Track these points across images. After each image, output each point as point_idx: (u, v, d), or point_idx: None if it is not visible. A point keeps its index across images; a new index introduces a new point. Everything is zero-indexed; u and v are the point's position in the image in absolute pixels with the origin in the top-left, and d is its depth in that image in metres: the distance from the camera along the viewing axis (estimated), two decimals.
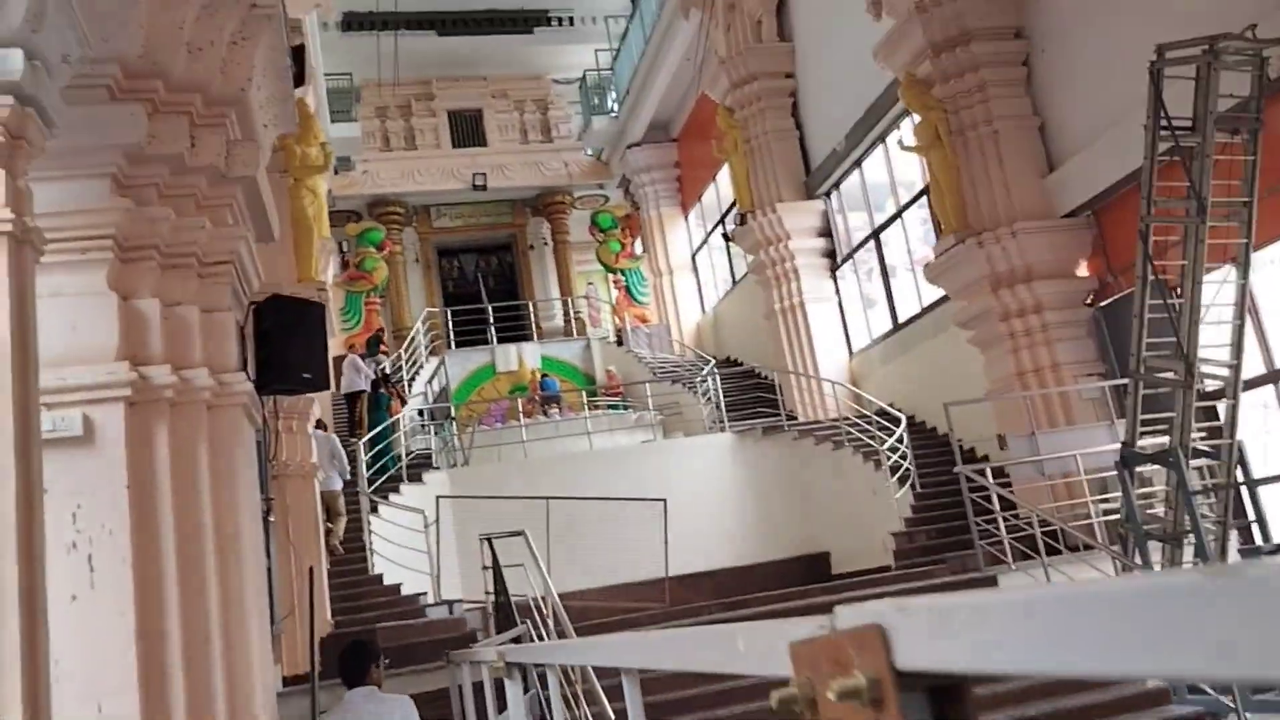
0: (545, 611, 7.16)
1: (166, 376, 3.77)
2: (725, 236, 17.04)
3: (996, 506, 8.65)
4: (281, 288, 8.60)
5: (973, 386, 12.30)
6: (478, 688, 5.78)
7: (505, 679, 2.70)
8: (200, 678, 3.72)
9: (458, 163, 22.51)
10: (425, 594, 9.98)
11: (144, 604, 3.56)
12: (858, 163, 14.55)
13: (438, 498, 10.77)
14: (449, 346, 19.49)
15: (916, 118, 11.13)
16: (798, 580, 12.42)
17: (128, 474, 3.55)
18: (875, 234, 14.37)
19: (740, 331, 19.18)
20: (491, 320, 20.22)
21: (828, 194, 15.55)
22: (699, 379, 16.03)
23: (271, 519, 8.02)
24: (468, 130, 23.02)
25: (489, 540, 7.64)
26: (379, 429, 13.04)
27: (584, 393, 18.07)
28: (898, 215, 13.76)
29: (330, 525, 10.62)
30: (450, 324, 20.08)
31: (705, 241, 20.89)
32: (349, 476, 11.13)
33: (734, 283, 19.66)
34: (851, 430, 12.92)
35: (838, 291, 15.55)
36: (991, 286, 10.27)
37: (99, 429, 3.55)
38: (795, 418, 14.60)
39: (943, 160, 10.58)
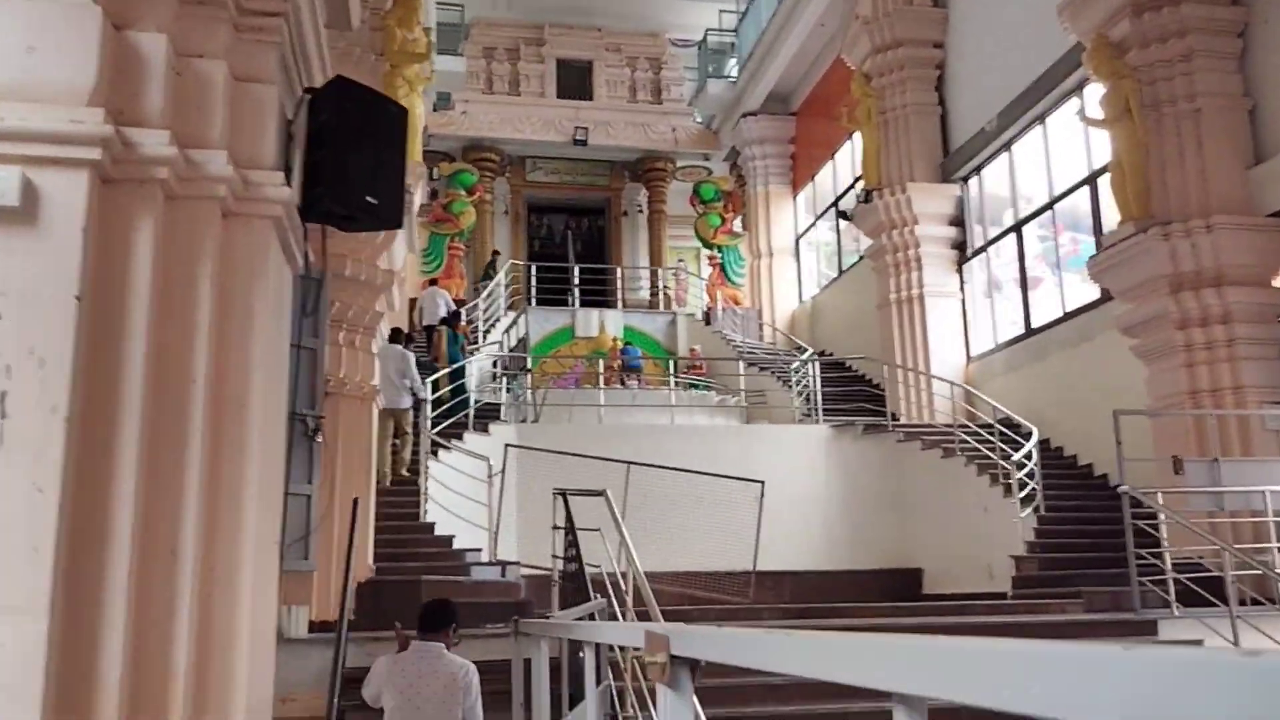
0: (624, 588, 5.99)
1: (163, 147, 2.61)
2: (842, 215, 15.66)
3: (1164, 539, 7.22)
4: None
5: (1116, 405, 10.79)
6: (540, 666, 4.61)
7: (661, 685, 1.48)
8: (154, 607, 2.57)
9: (560, 114, 21.41)
10: (480, 551, 8.87)
11: (79, 483, 2.43)
12: (1008, 145, 13.06)
13: (506, 445, 9.64)
14: (529, 303, 18.40)
15: (1099, 88, 9.66)
16: (883, 594, 11.07)
17: (81, 278, 2.41)
18: (1019, 225, 12.86)
19: (840, 325, 17.78)
20: (576, 282, 19.12)
21: (965, 179, 14.08)
22: (794, 366, 14.70)
23: (319, 440, 6.96)
24: (575, 82, 21.90)
25: (563, 496, 6.46)
26: (457, 365, 12.00)
27: (667, 366, 16.88)
28: (1051, 205, 12.23)
29: (398, 444, 9.86)
30: (534, 280, 19.01)
31: (814, 224, 19.50)
32: (423, 395, 10.19)
33: (840, 272, 18.27)
34: (968, 439, 11.50)
35: (962, 287, 14.09)
36: (1171, 288, 8.79)
37: (45, 202, 2.39)
38: (897, 419, 13.18)
39: (1130, 137, 9.11)
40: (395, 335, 10.13)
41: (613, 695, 5.26)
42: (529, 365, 13.43)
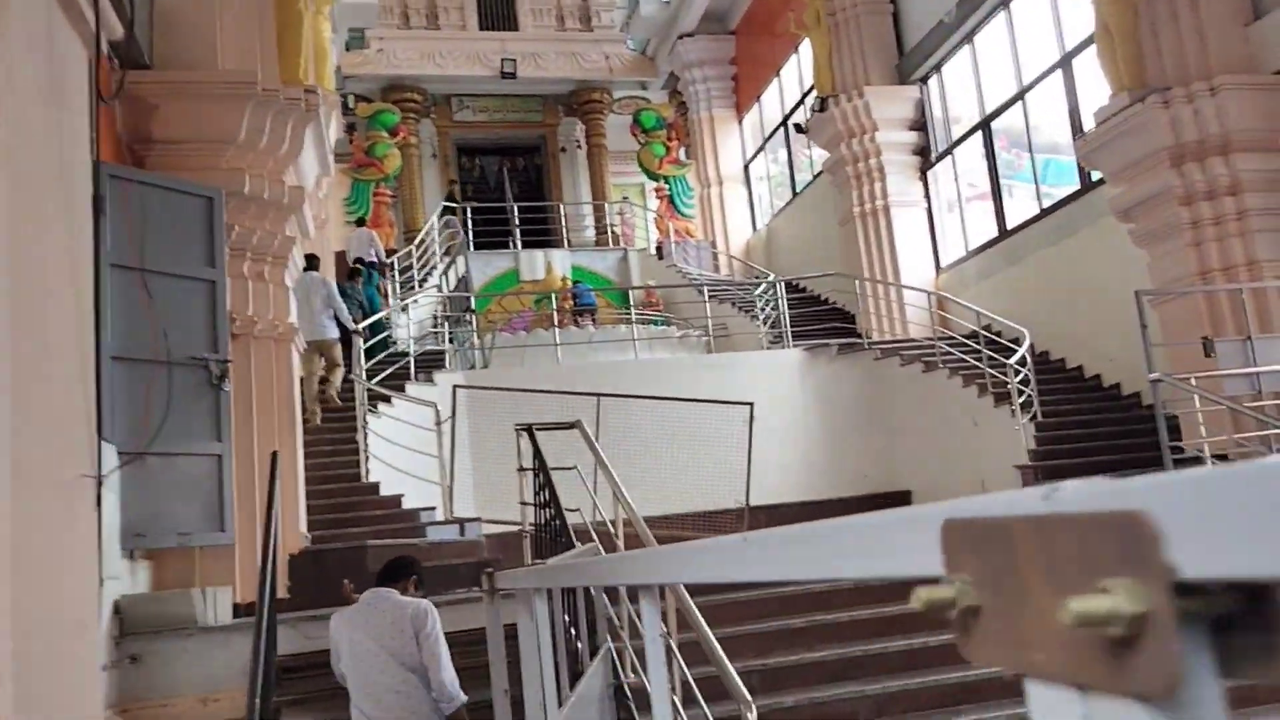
0: (615, 533, 5.08)
1: None
2: (797, 128, 14.71)
3: (1203, 431, 6.48)
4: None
5: (1108, 303, 10.08)
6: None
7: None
8: None
9: (485, 47, 20.09)
10: (434, 509, 7.89)
11: None
12: (970, 36, 12.18)
13: (455, 387, 8.63)
14: (467, 248, 17.24)
15: None
16: None
17: None
18: (987, 121, 12.02)
19: (799, 250, 16.90)
20: (516, 223, 17.98)
21: (924, 80, 13.19)
22: (758, 291, 13.81)
23: (227, 388, 5.90)
24: (498, 11, 20.56)
25: (529, 431, 5.48)
26: (376, 317, 10.85)
27: (623, 303, 15.91)
28: (1023, 94, 11.37)
29: (327, 375, 9.28)
30: (470, 223, 17.82)
31: (763, 147, 18.53)
32: (352, 326, 9.66)
33: (794, 194, 17.36)
34: (951, 350, 10.72)
35: (927, 195, 13.26)
36: (1173, 160, 8.00)
37: None
38: (870, 338, 12.36)
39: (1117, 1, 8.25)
40: (311, 262, 9.54)
41: (616, 663, 4.37)
42: (473, 305, 12.34)
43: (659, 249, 18.21)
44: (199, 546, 5.86)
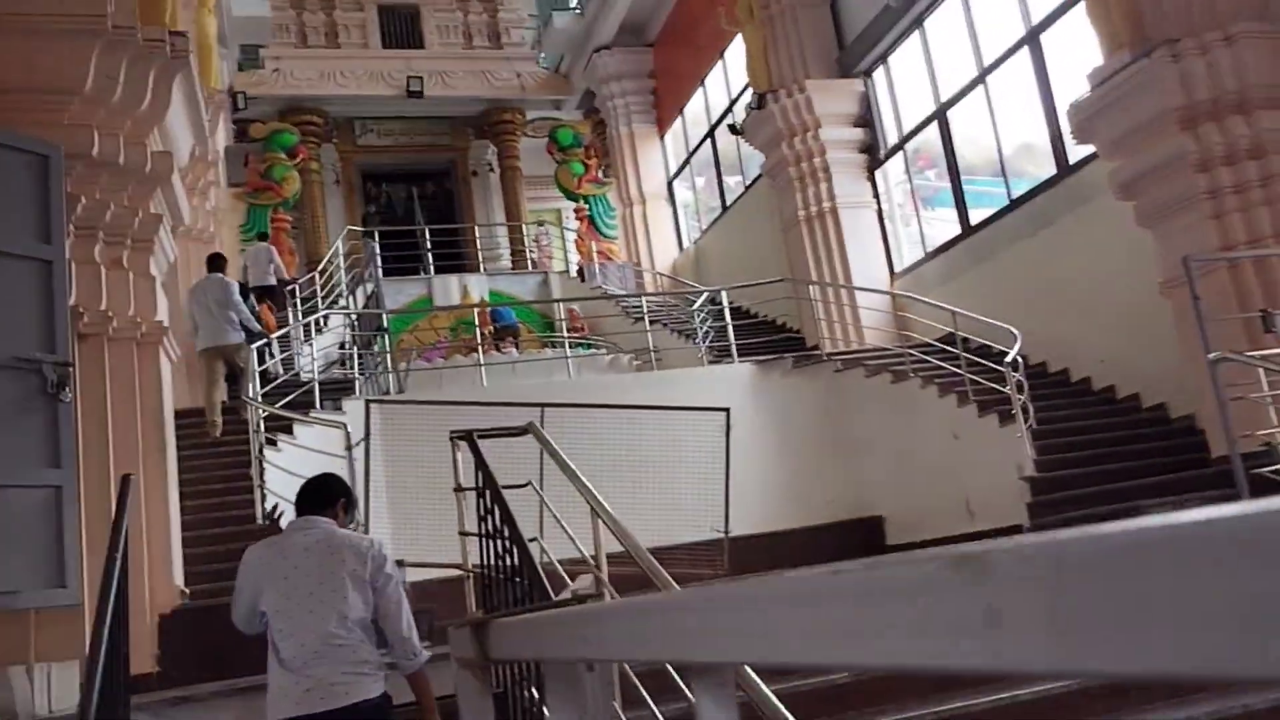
0: (598, 568, 3.78)
1: None
2: (732, 129, 13.73)
3: (1275, 420, 5.50)
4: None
5: (1094, 299, 9.22)
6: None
7: None
8: None
9: (388, 66, 18.78)
10: None
11: None
12: (919, 20, 11.37)
13: (368, 402, 7.21)
14: (376, 271, 15.73)
15: None
16: (840, 552, 9.19)
17: None
18: (943, 109, 11.18)
19: (732, 267, 15.81)
20: (429, 247, 16.58)
21: (868, 73, 12.36)
22: (696, 305, 12.68)
23: (67, 398, 4.43)
24: (401, 30, 19.31)
25: (468, 439, 4.14)
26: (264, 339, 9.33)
27: (546, 331, 14.61)
28: (984, 76, 10.51)
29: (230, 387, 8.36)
30: (377, 249, 16.33)
31: (689, 160, 17.53)
32: (256, 329, 8.90)
33: (724, 208, 16.39)
34: (925, 358, 9.72)
35: (876, 195, 12.36)
36: (1183, 123, 7.14)
37: None
38: (824, 351, 11.30)
39: None
40: (215, 262, 8.97)
41: None
42: (385, 324, 10.88)
43: (580, 271, 17.00)
44: (32, 609, 4.36)
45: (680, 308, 14.28)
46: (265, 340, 9.18)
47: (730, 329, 11.14)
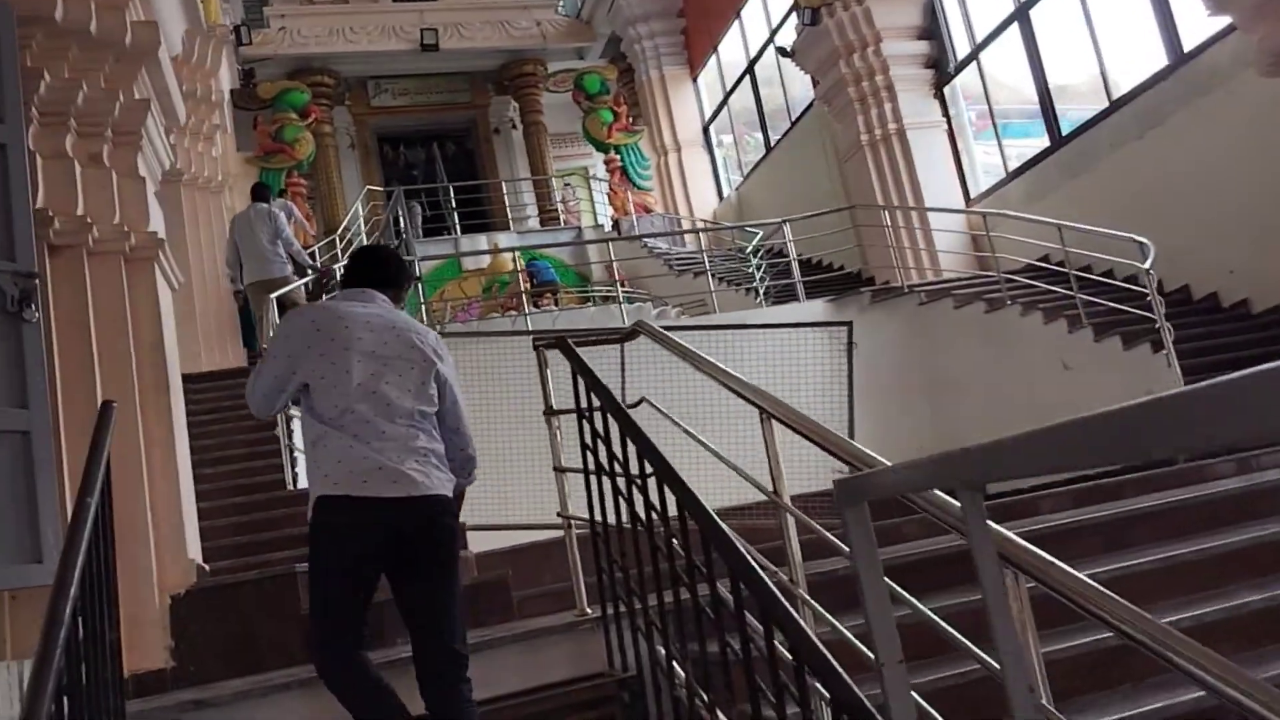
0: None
1: None
2: (782, 51, 12.59)
3: None
4: None
5: (1215, 203, 8.09)
6: None
7: None
8: None
9: (400, 19, 17.69)
10: None
11: None
12: None
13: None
14: (410, 232, 14.74)
15: None
16: None
17: None
18: (1026, 8, 10.00)
19: (776, 213, 14.67)
20: (454, 205, 15.55)
21: None
22: (751, 246, 11.62)
23: (33, 318, 3.43)
24: None
25: (563, 347, 3.12)
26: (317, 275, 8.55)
27: (583, 286, 13.60)
28: None
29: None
30: (419, 206, 15.37)
31: (727, 99, 16.38)
32: (309, 263, 8.70)
33: (768, 149, 15.25)
34: (1028, 281, 8.62)
35: (946, 115, 11.22)
36: None
37: None
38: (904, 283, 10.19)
39: None
40: (259, 192, 8.73)
41: None
42: (419, 274, 9.88)
43: (616, 224, 15.91)
44: (3, 590, 3.40)
45: (728, 256, 13.19)
46: (318, 276, 8.34)
47: (796, 265, 10.06)
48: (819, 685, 1.69)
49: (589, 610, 3.16)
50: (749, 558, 2.05)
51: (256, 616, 3.91)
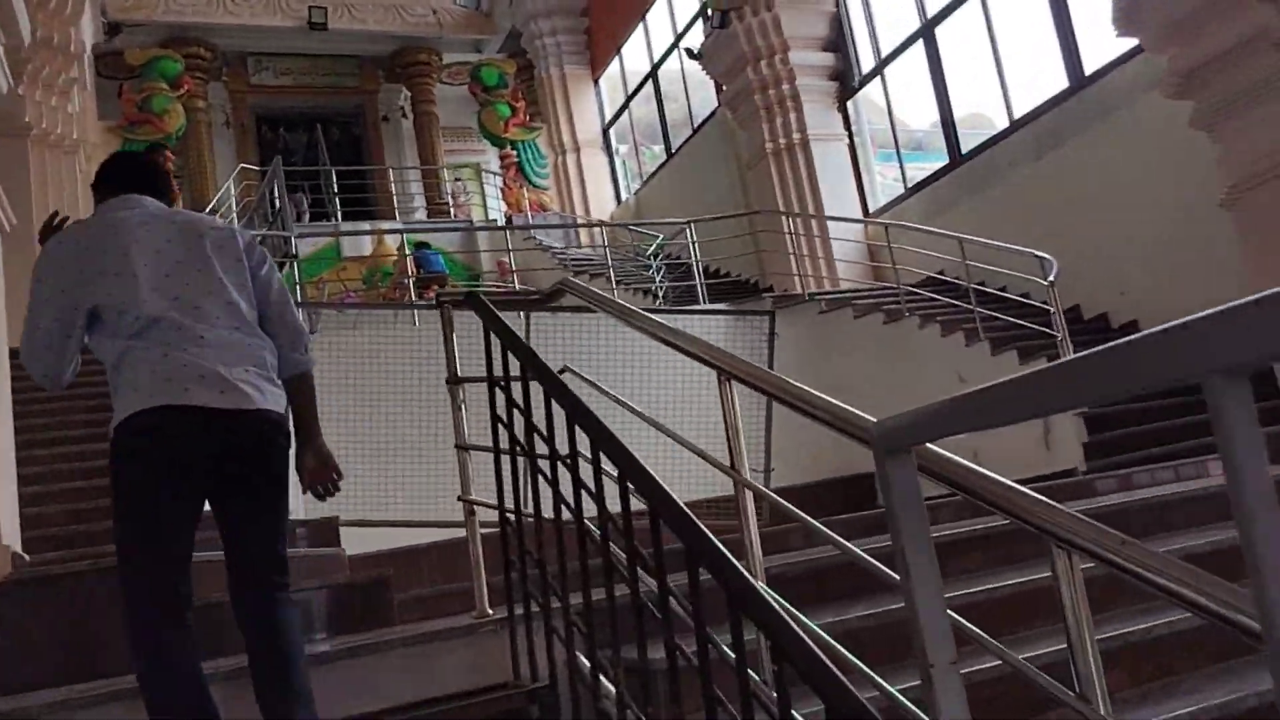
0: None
1: None
2: (689, 53, 12.36)
3: None
4: None
5: (1109, 224, 8.19)
6: None
7: None
8: None
9: None
10: None
11: None
12: None
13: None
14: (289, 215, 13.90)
15: None
16: (824, 511, 7.98)
17: None
18: (931, 26, 10.02)
19: (676, 217, 14.52)
20: (336, 191, 14.78)
21: None
22: (652, 249, 11.38)
23: None
24: None
25: (475, 304, 2.70)
26: None
27: (471, 283, 13.05)
28: None
29: None
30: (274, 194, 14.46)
31: (629, 102, 16.13)
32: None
33: (669, 154, 15.04)
34: (926, 294, 8.57)
35: (848, 127, 11.18)
36: None
37: None
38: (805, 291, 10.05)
39: None
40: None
41: None
42: (294, 249, 9.20)
43: (509, 220, 15.44)
44: None
45: (626, 258, 12.88)
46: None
47: (699, 267, 9.83)
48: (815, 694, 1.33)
49: (490, 611, 2.74)
50: (713, 539, 1.69)
51: (87, 613, 3.34)
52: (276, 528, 2.29)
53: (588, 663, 2.22)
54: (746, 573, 1.76)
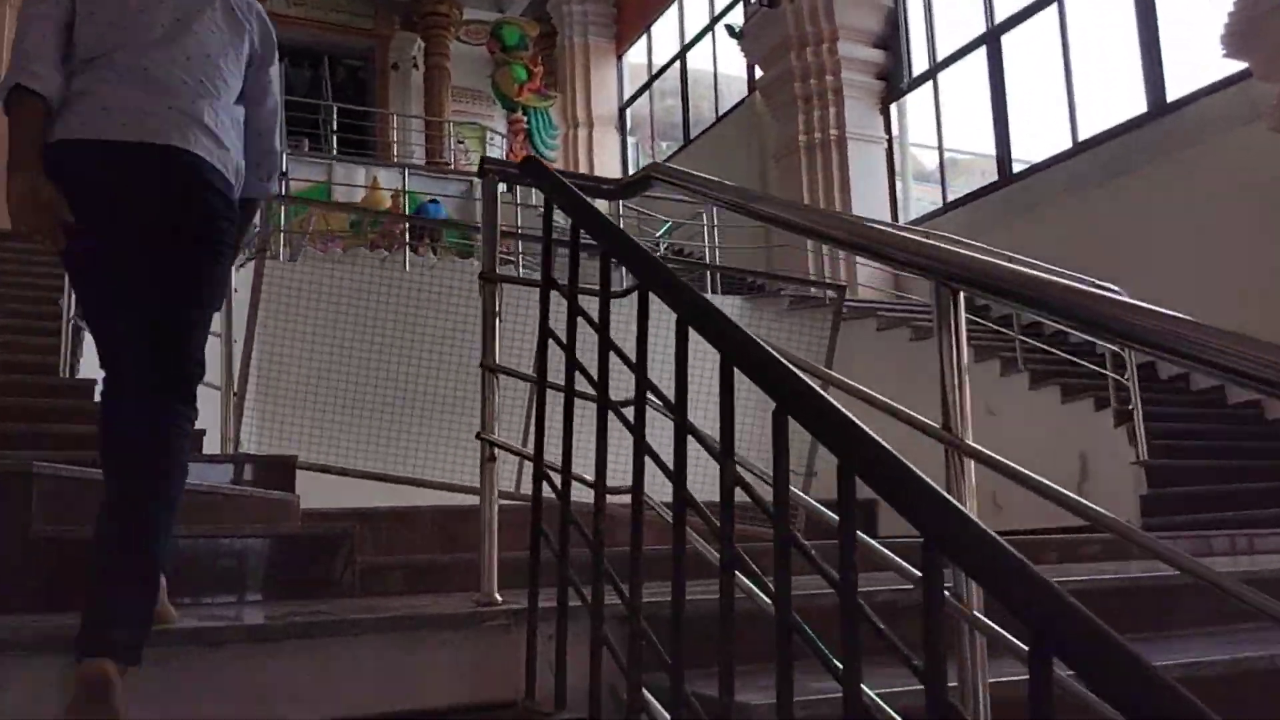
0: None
1: None
2: (730, 30, 11.63)
3: None
4: None
5: (1174, 261, 7.54)
6: None
7: None
8: None
9: None
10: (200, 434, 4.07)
11: None
12: None
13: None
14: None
15: None
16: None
17: None
18: (997, 33, 9.36)
19: (688, 206, 13.80)
20: (335, 129, 13.93)
21: None
22: (660, 233, 10.66)
23: None
24: None
25: (535, 166, 1.95)
26: None
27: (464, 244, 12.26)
28: None
29: None
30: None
31: (651, 82, 15.39)
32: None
33: (686, 141, 14.33)
34: (974, 319, 7.88)
35: (889, 132, 10.52)
36: None
37: None
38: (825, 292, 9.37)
39: None
40: None
41: None
42: (284, 168, 8.39)
43: (510, 188, 14.62)
44: None
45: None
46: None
47: (714, 253, 9.12)
48: None
49: (500, 598, 1.98)
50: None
51: None
52: (192, 317, 2.00)
53: (652, 699, 1.48)
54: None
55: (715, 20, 13.13)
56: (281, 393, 5.09)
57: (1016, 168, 9.23)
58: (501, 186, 2.45)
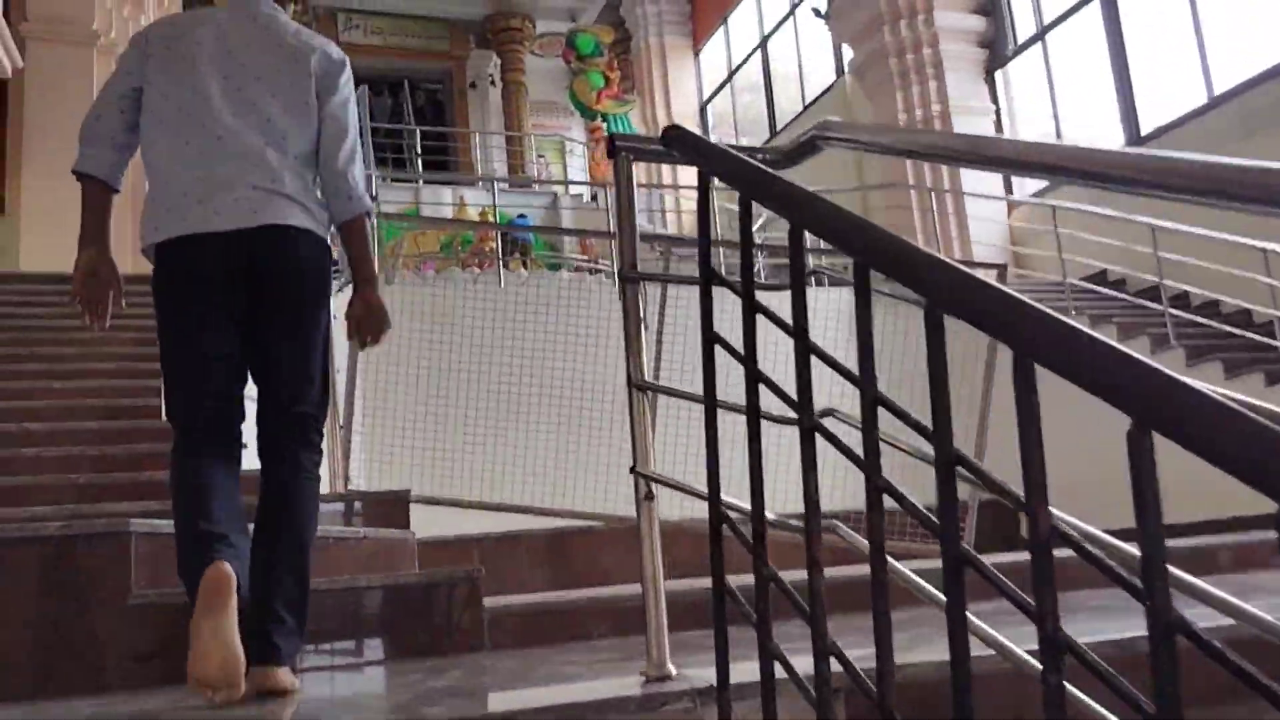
0: None
1: None
2: (816, 13, 11.17)
3: None
4: None
5: None
6: None
7: None
8: None
9: None
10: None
11: None
12: None
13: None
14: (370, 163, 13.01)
15: None
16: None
17: None
18: None
19: None
20: (419, 152, 13.88)
21: None
22: (759, 225, 10.20)
23: None
24: None
25: (684, 137, 1.60)
26: None
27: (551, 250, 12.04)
28: None
29: None
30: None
31: (733, 75, 14.96)
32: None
33: (772, 134, 13.87)
34: (1107, 291, 7.30)
35: (995, 101, 9.91)
36: None
37: None
38: None
39: None
40: None
41: None
42: (374, 192, 8.22)
43: (595, 196, 14.39)
44: None
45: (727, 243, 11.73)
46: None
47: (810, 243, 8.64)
48: None
49: (672, 670, 1.61)
50: None
51: (50, 599, 2.30)
52: (297, 364, 2.09)
53: None
54: None
55: (797, 3, 12.64)
56: (388, 422, 4.83)
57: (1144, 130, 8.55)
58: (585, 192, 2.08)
